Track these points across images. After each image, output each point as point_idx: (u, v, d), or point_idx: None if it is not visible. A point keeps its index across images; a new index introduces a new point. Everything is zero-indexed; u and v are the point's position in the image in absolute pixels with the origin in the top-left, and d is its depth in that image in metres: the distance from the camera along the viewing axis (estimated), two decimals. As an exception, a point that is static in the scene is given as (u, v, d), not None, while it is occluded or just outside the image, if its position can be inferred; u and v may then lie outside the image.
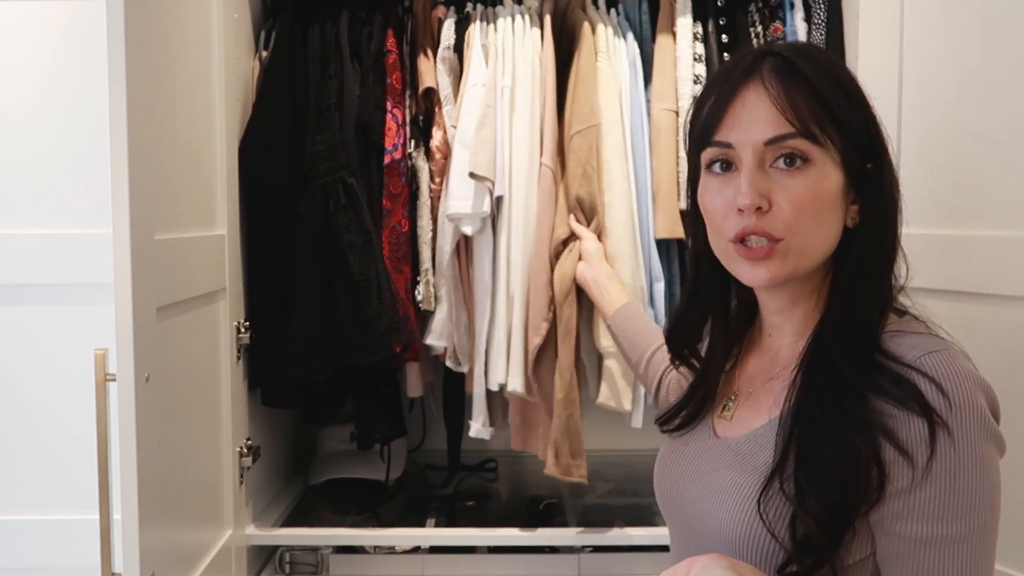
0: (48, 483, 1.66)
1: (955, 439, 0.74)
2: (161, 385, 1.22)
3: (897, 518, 0.76)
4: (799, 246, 0.83)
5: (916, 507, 0.75)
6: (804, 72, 0.82)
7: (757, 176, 0.83)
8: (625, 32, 1.71)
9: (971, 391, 0.75)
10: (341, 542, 1.70)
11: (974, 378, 0.77)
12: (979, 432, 0.75)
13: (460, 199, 1.62)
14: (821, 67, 0.84)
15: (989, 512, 0.75)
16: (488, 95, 1.63)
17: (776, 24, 1.70)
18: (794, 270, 0.85)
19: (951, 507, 0.74)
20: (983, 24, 1.33)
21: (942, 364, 0.77)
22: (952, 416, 0.75)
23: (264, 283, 1.65)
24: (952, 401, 0.75)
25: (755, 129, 0.83)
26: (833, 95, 0.82)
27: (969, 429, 0.75)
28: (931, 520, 0.75)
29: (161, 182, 1.25)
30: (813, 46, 0.90)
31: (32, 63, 1.64)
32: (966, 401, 0.75)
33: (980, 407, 0.75)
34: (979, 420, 0.75)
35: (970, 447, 0.74)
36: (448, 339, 1.70)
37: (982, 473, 0.75)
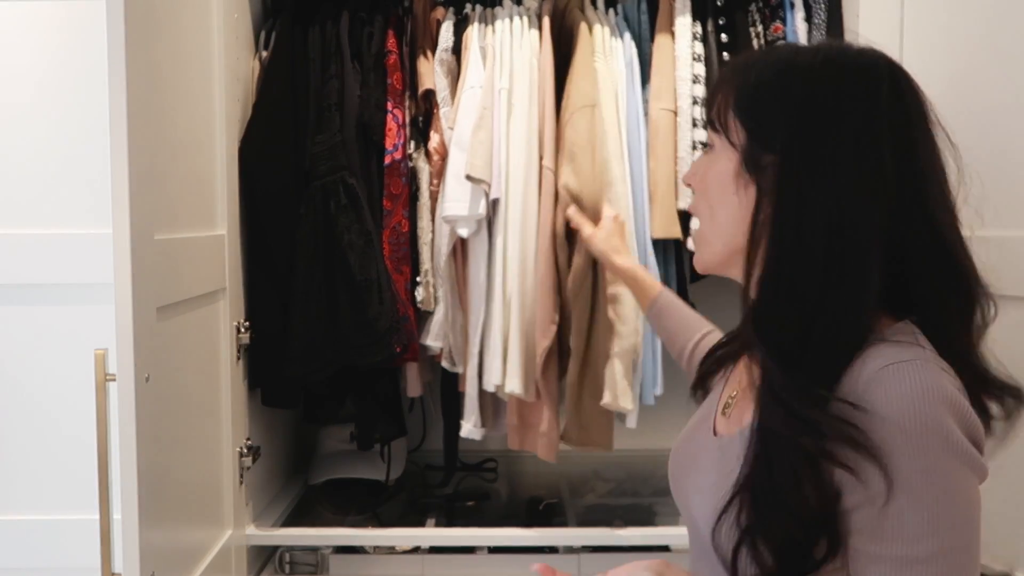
0: (48, 483, 1.66)
1: (910, 458, 0.70)
2: (161, 385, 1.22)
3: (860, 536, 0.73)
4: (702, 230, 0.88)
5: (878, 528, 0.72)
6: (733, 70, 0.86)
7: (699, 159, 0.91)
8: (622, 32, 1.71)
9: (930, 408, 0.71)
10: (341, 542, 1.70)
11: (940, 395, 0.72)
12: (938, 450, 0.70)
13: (456, 201, 1.62)
14: (756, 66, 0.84)
15: (955, 533, 0.71)
16: (485, 97, 1.63)
17: (776, 24, 1.70)
18: (714, 256, 0.87)
19: (912, 528, 0.71)
20: (983, 24, 1.33)
21: (905, 377, 0.72)
22: (906, 434, 0.71)
23: (264, 283, 1.65)
24: (906, 417, 0.71)
25: None
26: (745, 87, 0.83)
27: (926, 447, 0.70)
28: (894, 541, 0.71)
29: (161, 182, 1.25)
30: (777, 50, 0.85)
31: (32, 63, 1.64)
32: (923, 418, 0.71)
33: (939, 425, 0.71)
34: (938, 438, 0.70)
35: (927, 466, 0.70)
36: (444, 340, 1.70)
37: (943, 493, 0.70)
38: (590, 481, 1.96)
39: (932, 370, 0.74)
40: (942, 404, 0.71)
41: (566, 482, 1.92)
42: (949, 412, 0.72)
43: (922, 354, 0.75)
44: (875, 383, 0.73)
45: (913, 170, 0.79)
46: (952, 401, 0.72)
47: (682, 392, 1.59)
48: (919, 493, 0.70)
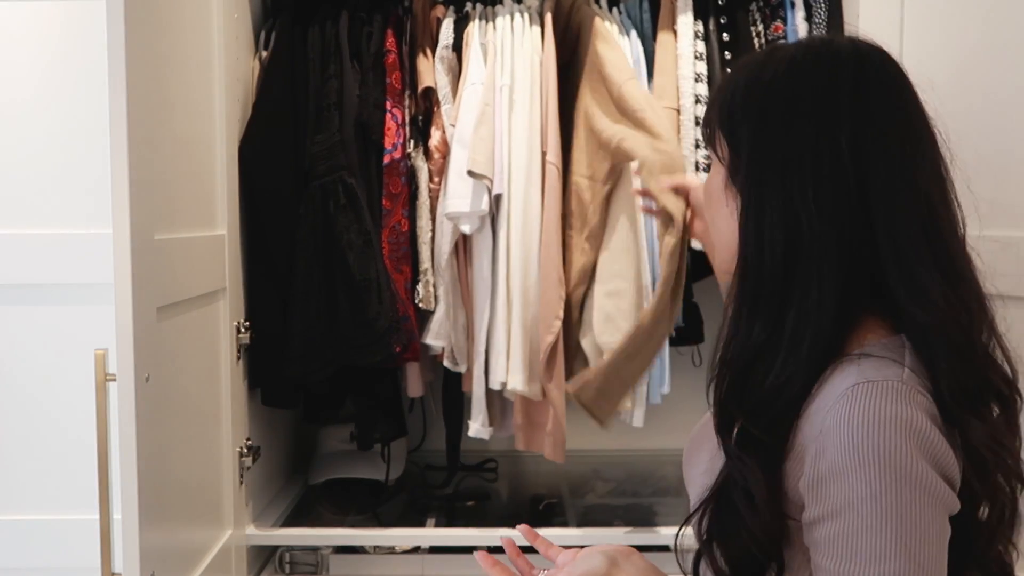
0: (48, 483, 1.66)
1: (861, 483, 0.69)
2: (161, 385, 1.22)
3: (817, 550, 0.72)
4: (712, 239, 0.90)
5: (834, 545, 0.70)
6: (722, 85, 0.87)
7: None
8: (628, 30, 1.71)
9: (889, 435, 0.69)
10: (341, 542, 1.70)
11: (903, 422, 0.69)
12: (892, 478, 0.68)
13: (459, 197, 1.62)
14: (735, 77, 0.83)
15: (908, 560, 0.68)
16: (487, 94, 1.63)
17: (777, 23, 1.70)
18: (719, 261, 0.89)
19: (863, 550, 0.69)
20: (982, 23, 1.33)
21: (871, 399, 0.70)
22: (860, 458, 0.69)
23: (264, 283, 1.65)
24: (863, 441, 0.69)
25: None
26: (724, 101, 0.83)
27: (879, 474, 0.68)
28: (848, 560, 0.69)
29: (161, 182, 1.24)
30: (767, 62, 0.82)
31: (32, 63, 1.64)
32: (880, 445, 0.69)
33: (896, 452, 0.68)
34: (893, 465, 0.68)
35: (877, 492, 0.68)
36: (446, 339, 1.70)
37: (897, 519, 0.68)
38: (590, 481, 1.95)
39: (903, 395, 0.71)
40: (904, 432, 0.69)
41: (566, 482, 1.92)
42: (911, 441, 0.69)
43: (898, 374, 0.72)
44: (842, 400, 0.71)
45: (888, 166, 0.75)
46: (917, 430, 0.70)
47: (689, 391, 1.60)
48: (869, 517, 0.69)
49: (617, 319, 1.60)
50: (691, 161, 1.65)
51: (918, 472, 0.69)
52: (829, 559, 0.71)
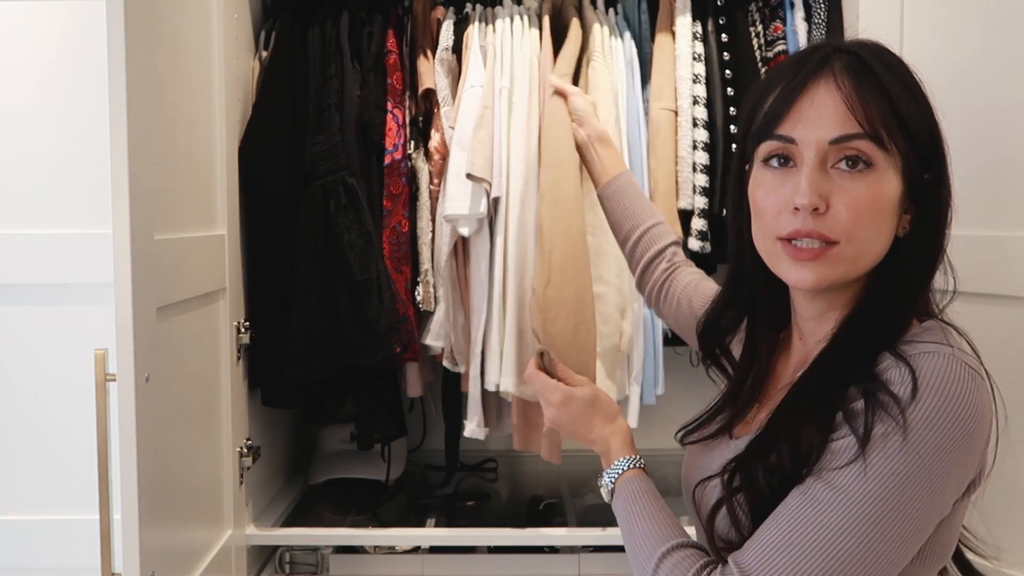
0: (48, 483, 1.66)
1: (906, 428, 0.71)
2: (161, 385, 1.22)
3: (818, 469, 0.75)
4: (852, 253, 0.81)
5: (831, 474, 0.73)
6: (877, 73, 0.80)
7: (818, 176, 0.79)
8: (622, 32, 1.71)
9: (946, 397, 0.71)
10: (341, 542, 1.70)
11: (960, 389, 0.72)
12: (933, 439, 0.71)
13: (457, 200, 1.62)
14: (893, 69, 0.81)
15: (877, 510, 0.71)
16: (486, 96, 1.63)
17: (776, 23, 1.70)
18: (843, 276, 0.82)
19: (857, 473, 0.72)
20: (983, 24, 1.33)
21: (930, 363, 0.73)
22: (913, 409, 0.71)
23: (264, 283, 1.65)
24: (920, 396, 0.72)
25: (822, 127, 0.80)
26: (903, 100, 0.79)
27: (924, 428, 0.71)
28: (835, 478, 0.72)
29: (161, 182, 1.25)
30: (882, 46, 0.82)
31: (32, 63, 1.64)
32: (936, 402, 0.71)
33: (947, 416, 0.71)
34: (938, 427, 0.71)
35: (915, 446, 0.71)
36: (445, 339, 1.70)
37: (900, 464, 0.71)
38: (590, 481, 1.94)
39: (959, 365, 0.74)
40: (956, 399, 0.72)
41: (566, 482, 1.92)
42: (953, 416, 0.71)
43: (952, 350, 0.76)
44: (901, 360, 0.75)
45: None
46: (963, 411, 0.72)
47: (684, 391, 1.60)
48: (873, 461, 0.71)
49: (598, 323, 1.60)
50: (688, 162, 1.65)
51: (955, 446, 0.71)
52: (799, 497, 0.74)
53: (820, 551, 0.71)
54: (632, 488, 0.90)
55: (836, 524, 0.71)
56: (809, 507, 0.73)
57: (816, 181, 0.79)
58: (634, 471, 0.92)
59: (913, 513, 0.71)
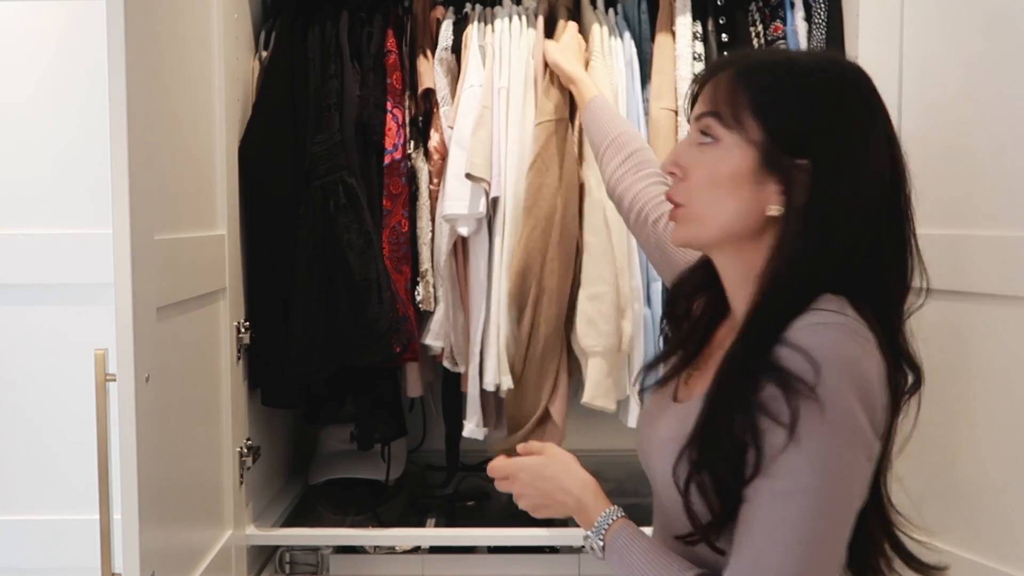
0: (48, 483, 1.66)
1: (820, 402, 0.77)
2: (161, 385, 1.22)
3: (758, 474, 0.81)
4: (695, 214, 0.91)
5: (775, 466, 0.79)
6: (742, 66, 0.90)
7: (684, 147, 0.93)
8: (622, 32, 1.71)
9: (837, 366, 0.78)
10: (341, 542, 1.70)
11: (846, 358, 0.79)
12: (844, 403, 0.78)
13: (456, 200, 1.62)
14: (770, 66, 0.89)
15: (827, 479, 0.77)
16: (485, 96, 1.63)
17: (776, 23, 1.69)
18: (696, 236, 0.93)
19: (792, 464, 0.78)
20: (983, 23, 1.33)
21: (817, 337, 0.80)
22: (820, 384, 0.78)
23: (264, 283, 1.65)
24: (821, 370, 0.78)
25: (696, 108, 0.93)
26: (762, 88, 0.87)
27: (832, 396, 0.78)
28: (774, 476, 0.79)
29: (161, 182, 1.25)
30: (787, 57, 0.93)
31: (32, 63, 1.64)
32: (836, 371, 0.78)
33: (847, 380, 0.78)
34: (844, 391, 0.78)
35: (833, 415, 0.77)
36: (445, 339, 1.70)
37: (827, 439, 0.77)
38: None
39: (845, 335, 0.80)
40: (843, 369, 0.78)
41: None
42: (849, 378, 0.78)
43: (844, 318, 0.82)
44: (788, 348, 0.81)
45: (896, 169, 0.87)
46: (857, 371, 0.79)
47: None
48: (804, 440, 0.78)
49: (598, 322, 1.60)
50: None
51: (850, 415, 0.79)
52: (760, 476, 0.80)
53: (797, 540, 0.77)
54: (624, 538, 0.92)
55: (801, 511, 0.77)
56: (771, 505, 0.79)
57: (681, 151, 0.93)
58: (619, 521, 0.94)
59: (854, 472, 0.80)
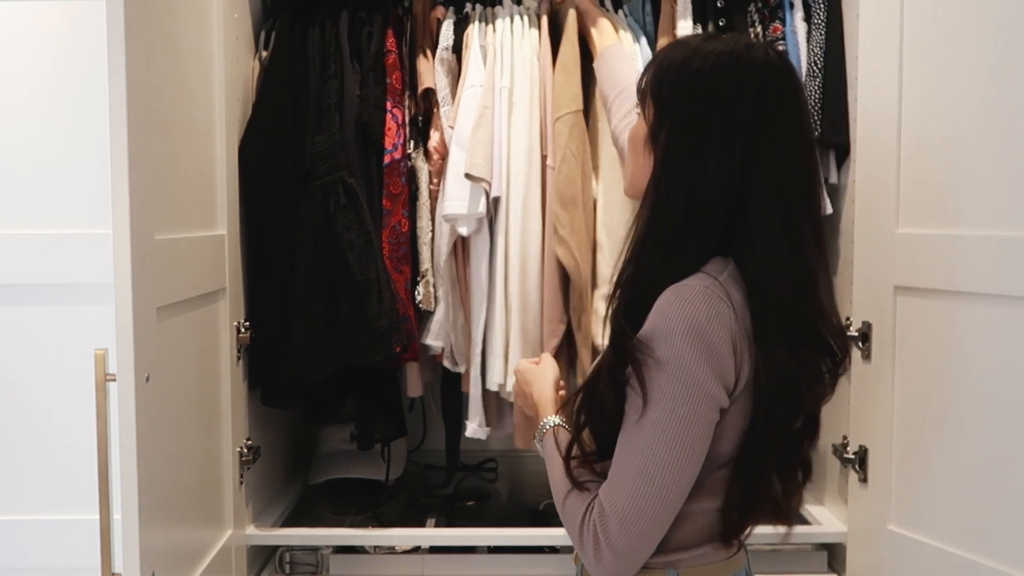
0: (48, 483, 1.66)
1: (656, 353, 0.92)
2: (161, 385, 1.22)
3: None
4: (629, 171, 1.09)
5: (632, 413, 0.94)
6: (661, 55, 1.04)
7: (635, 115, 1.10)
8: (639, 36, 1.71)
9: (674, 326, 0.91)
10: (341, 542, 1.70)
11: (684, 318, 0.91)
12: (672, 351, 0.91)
13: (456, 200, 1.62)
14: (669, 56, 1.01)
15: (666, 414, 0.91)
16: (486, 96, 1.63)
17: (775, 24, 1.70)
18: (633, 191, 1.06)
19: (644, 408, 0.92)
20: (982, 23, 1.33)
21: (665, 298, 0.93)
22: (652, 341, 0.92)
23: (264, 283, 1.65)
24: (653, 328, 0.93)
25: None
26: (660, 75, 1.01)
27: (666, 350, 0.91)
28: (633, 419, 0.94)
29: (161, 182, 1.25)
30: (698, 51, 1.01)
31: (32, 63, 1.64)
32: (663, 333, 0.92)
33: (672, 331, 0.91)
34: (671, 341, 0.91)
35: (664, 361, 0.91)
36: (445, 339, 1.70)
37: (667, 387, 0.91)
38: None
39: (700, 295, 0.92)
40: (681, 321, 0.91)
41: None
42: (684, 336, 0.91)
43: (704, 281, 0.94)
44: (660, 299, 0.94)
45: (771, 154, 0.95)
46: (696, 326, 0.91)
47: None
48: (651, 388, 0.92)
49: None
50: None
51: (685, 361, 0.91)
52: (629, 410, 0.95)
53: (646, 466, 0.92)
54: (549, 444, 1.08)
55: (648, 444, 0.92)
56: (630, 443, 0.94)
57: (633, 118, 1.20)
58: (552, 430, 1.10)
59: (694, 413, 0.92)
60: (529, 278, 1.64)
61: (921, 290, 1.42)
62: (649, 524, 0.93)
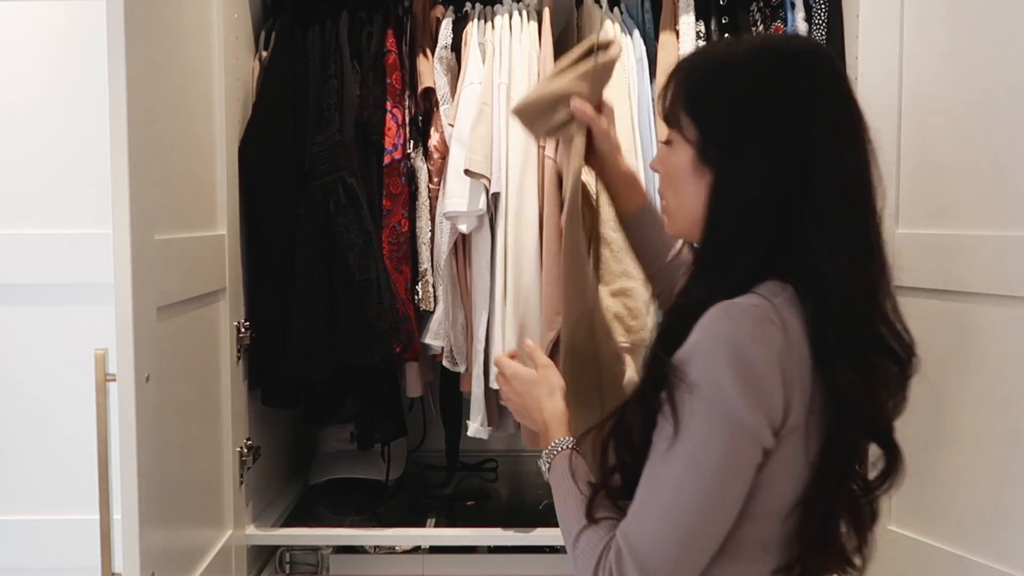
0: (48, 483, 1.66)
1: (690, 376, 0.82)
2: (161, 385, 1.22)
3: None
4: (671, 208, 0.99)
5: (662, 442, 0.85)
6: (684, 69, 0.95)
7: (660, 148, 1.02)
8: (631, 30, 1.71)
9: (712, 345, 0.82)
10: (341, 542, 1.70)
11: (725, 336, 0.82)
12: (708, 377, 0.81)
13: (456, 197, 1.61)
14: (698, 67, 0.94)
15: (702, 447, 0.82)
16: (485, 92, 1.62)
17: (777, 23, 1.70)
18: (673, 228, 1.00)
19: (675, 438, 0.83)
20: (983, 23, 1.33)
21: (708, 314, 0.83)
22: (690, 365, 0.83)
23: (264, 283, 1.65)
24: (693, 349, 0.83)
25: None
26: (693, 88, 0.92)
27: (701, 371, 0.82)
28: (661, 448, 0.84)
29: (161, 182, 1.25)
30: (712, 52, 0.99)
31: (32, 63, 1.64)
32: (703, 348, 0.82)
33: (713, 355, 0.81)
34: (710, 374, 0.81)
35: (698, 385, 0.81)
36: (445, 339, 1.70)
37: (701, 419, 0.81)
38: (590, 481, 1.95)
39: (747, 313, 0.82)
40: (720, 346, 0.81)
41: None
42: (725, 359, 0.81)
43: (755, 299, 0.84)
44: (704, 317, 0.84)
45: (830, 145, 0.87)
46: (738, 347, 0.81)
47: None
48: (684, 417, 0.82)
49: (626, 318, 1.59)
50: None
51: (724, 390, 0.81)
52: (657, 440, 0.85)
53: (672, 505, 0.83)
54: (561, 469, 0.99)
55: (676, 479, 0.83)
56: (656, 477, 0.85)
57: (659, 151, 1.02)
58: (564, 452, 1.00)
59: (731, 447, 0.82)
60: (525, 273, 1.61)
61: (921, 290, 1.42)
62: (671, 572, 0.83)
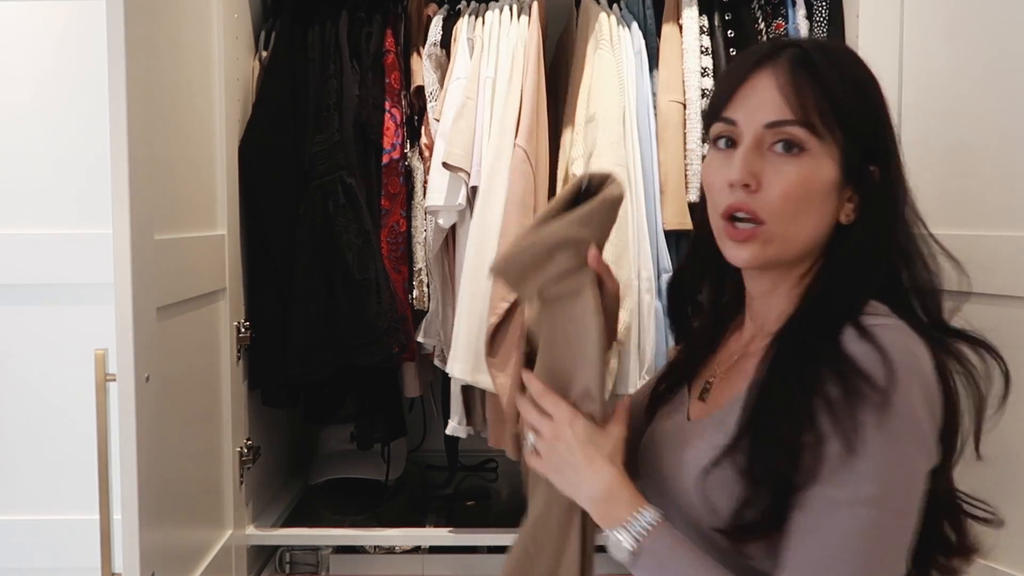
0: (48, 483, 1.66)
1: (885, 409, 0.75)
2: (161, 385, 1.22)
3: (814, 481, 0.77)
4: (782, 233, 0.85)
5: (830, 471, 0.75)
6: (818, 66, 0.84)
7: (752, 155, 0.85)
8: (629, 22, 1.70)
9: (914, 373, 0.76)
10: (341, 542, 1.70)
11: (916, 362, 0.77)
12: (910, 415, 0.75)
13: (436, 191, 1.60)
14: (839, 65, 0.86)
15: (892, 489, 0.75)
16: (470, 87, 1.61)
17: (778, 21, 1.69)
18: (776, 255, 0.86)
19: (854, 472, 0.74)
20: (983, 23, 1.33)
21: (890, 335, 0.77)
22: (893, 393, 0.75)
23: (264, 283, 1.65)
24: (897, 378, 0.75)
25: (759, 111, 0.85)
26: (843, 93, 0.84)
27: (897, 391, 0.75)
28: (835, 484, 0.75)
29: (161, 182, 1.25)
30: (839, 45, 0.93)
31: (32, 63, 1.64)
32: (907, 382, 0.75)
33: (918, 392, 0.76)
34: (912, 404, 0.75)
35: (894, 406, 0.75)
36: (436, 337, 1.69)
37: (894, 447, 0.75)
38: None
39: (917, 339, 0.79)
40: (917, 372, 0.77)
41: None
42: (919, 383, 0.76)
43: (902, 324, 0.81)
44: (865, 337, 0.78)
45: (894, 145, 0.88)
46: (925, 376, 0.77)
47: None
48: (870, 447, 0.74)
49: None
50: (698, 155, 1.62)
51: (917, 422, 0.76)
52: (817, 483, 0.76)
53: (864, 553, 0.74)
54: (666, 544, 0.82)
55: (864, 523, 0.74)
56: (832, 516, 0.75)
57: (749, 160, 0.84)
58: (662, 524, 0.83)
59: (918, 481, 0.77)
60: (485, 261, 1.53)
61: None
62: None
